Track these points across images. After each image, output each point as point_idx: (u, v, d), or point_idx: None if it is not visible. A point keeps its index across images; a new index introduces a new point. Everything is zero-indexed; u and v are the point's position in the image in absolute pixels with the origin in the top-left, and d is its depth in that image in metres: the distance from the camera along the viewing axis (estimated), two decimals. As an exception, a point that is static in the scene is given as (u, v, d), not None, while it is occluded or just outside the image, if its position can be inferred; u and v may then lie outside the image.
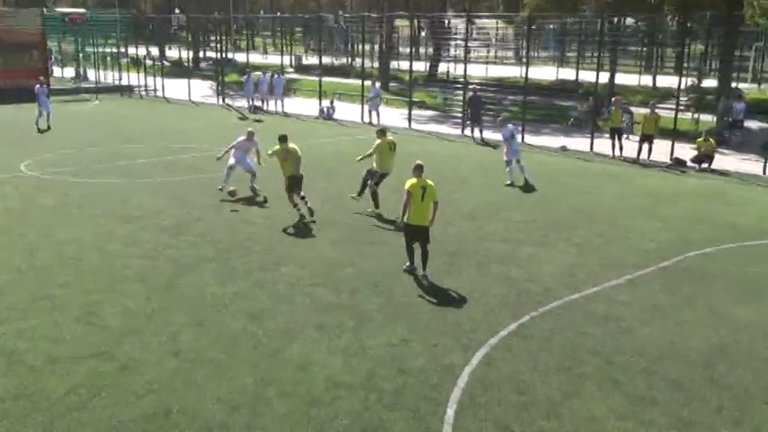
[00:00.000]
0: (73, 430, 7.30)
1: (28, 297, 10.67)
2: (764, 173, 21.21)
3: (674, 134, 23.61)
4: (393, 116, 33.04)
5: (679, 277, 12.11)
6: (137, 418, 7.54)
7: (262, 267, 12.18)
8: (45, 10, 49.99)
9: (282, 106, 34.98)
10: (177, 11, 61.95)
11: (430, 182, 11.75)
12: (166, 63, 55.65)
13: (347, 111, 34.01)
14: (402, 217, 11.63)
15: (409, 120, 30.84)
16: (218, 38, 60.91)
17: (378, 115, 31.58)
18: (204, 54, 70.42)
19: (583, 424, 7.63)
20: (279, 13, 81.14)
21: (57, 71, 50.60)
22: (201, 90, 43.25)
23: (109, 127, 29.00)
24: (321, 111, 33.33)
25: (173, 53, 68.86)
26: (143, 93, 43.49)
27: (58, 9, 61.68)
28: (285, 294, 10.99)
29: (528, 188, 18.61)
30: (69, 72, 51.78)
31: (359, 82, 34.70)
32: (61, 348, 9.03)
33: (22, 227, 14.30)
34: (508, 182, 18.90)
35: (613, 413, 7.84)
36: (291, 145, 15.24)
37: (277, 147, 15.15)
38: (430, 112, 35.71)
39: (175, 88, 42.08)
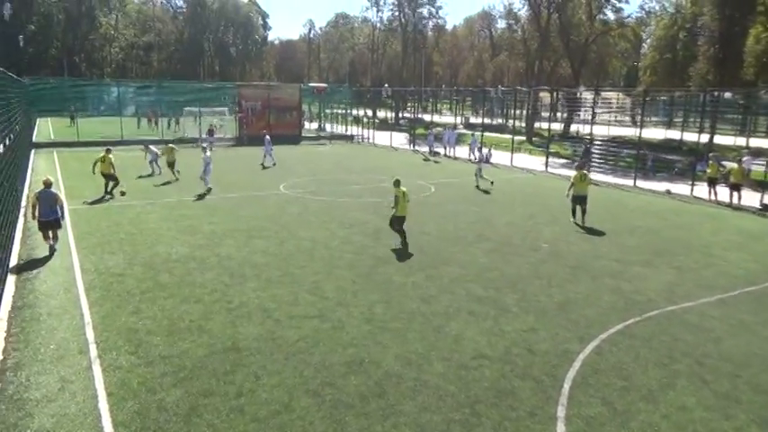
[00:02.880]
0: (300, 365, 7.66)
1: (278, 273, 11.39)
2: None
3: (764, 185, 20.73)
4: (535, 162, 31.95)
5: (764, 300, 10.57)
6: (341, 362, 7.77)
7: (432, 265, 12.17)
8: (302, 84, 53.65)
9: (453, 152, 34.93)
10: (386, 85, 64.08)
11: (404, 189, 13.42)
12: (377, 120, 57.66)
13: (501, 157, 33.30)
14: (394, 209, 13.29)
15: (546, 165, 29.62)
16: (413, 104, 62.08)
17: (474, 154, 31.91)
18: (402, 114, 72.20)
19: (674, 410, 6.85)
20: (455, 87, 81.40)
21: (306, 125, 54.06)
22: (399, 139, 44.26)
23: (336, 163, 30.49)
24: (482, 156, 32.82)
25: (381, 113, 71.23)
26: (360, 140, 45.30)
27: (310, 84, 66.06)
28: (447, 286, 10.90)
29: (638, 221, 17.16)
30: (314, 125, 55.14)
31: (510, 137, 33.88)
32: (296, 309, 9.53)
33: (277, 227, 15.35)
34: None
35: (701, 405, 6.97)
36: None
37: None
38: (562, 160, 34.07)
39: (382, 137, 43.42)
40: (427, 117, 62.61)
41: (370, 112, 60.66)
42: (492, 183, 22.90)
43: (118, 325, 8.79)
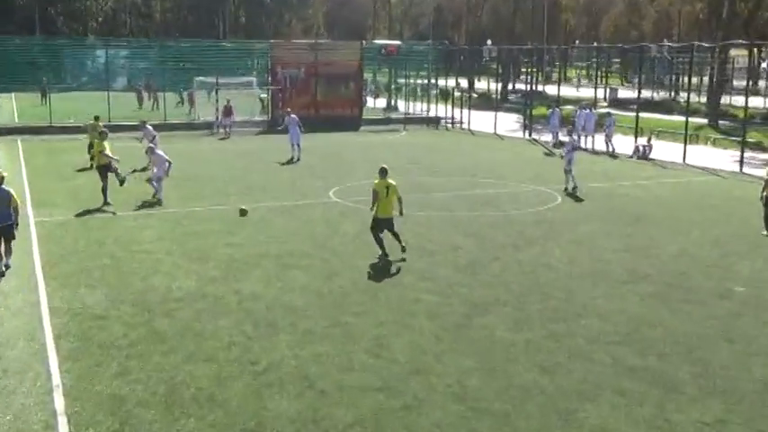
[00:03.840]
0: (355, 463, 7.63)
1: (324, 323, 11.48)
2: None
3: None
4: (723, 159, 30.84)
5: None
6: (417, 461, 7.68)
7: (559, 317, 11.89)
8: (364, 42, 54.57)
9: (592, 141, 34.31)
10: (489, 42, 64.07)
11: (392, 181, 14.65)
12: (474, 95, 57.67)
13: (667, 150, 32.34)
14: (372, 209, 14.55)
15: (741, 162, 28.46)
16: (529, 69, 61.66)
17: (612, 145, 32.16)
18: (513, 86, 71.86)
19: None
20: (595, 43, 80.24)
21: (370, 102, 54.69)
22: (508, 123, 44.05)
23: (413, 158, 30.64)
24: (636, 149, 32.10)
25: (481, 85, 71.19)
26: (449, 125, 45.41)
27: (377, 41, 67.10)
28: (582, 349, 10.58)
29: None
30: (381, 103, 55.75)
31: (682, 119, 32.98)
32: (350, 377, 9.54)
33: (325, 252, 15.56)
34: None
35: None
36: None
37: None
38: (764, 156, 32.65)
39: (481, 121, 43.38)
40: (552, 90, 61.82)
41: (464, 84, 60.86)
42: (575, 188, 22.59)
43: (97, 390, 9.10)
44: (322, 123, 38.56)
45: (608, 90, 61.87)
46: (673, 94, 62.69)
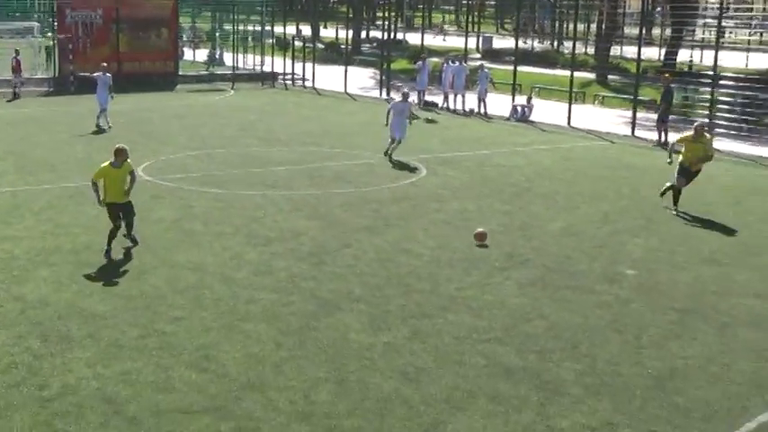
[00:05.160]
0: (176, 503, 7.62)
1: (134, 332, 11.29)
2: None
3: None
4: (611, 119, 32.43)
5: None
6: (253, 495, 7.76)
7: (423, 313, 12.22)
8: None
9: (463, 101, 35.22)
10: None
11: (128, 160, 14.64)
12: (320, 45, 57.76)
13: (549, 111, 33.73)
14: (98, 199, 14.45)
15: (633, 125, 30.09)
16: (386, 14, 62.48)
17: (485, 105, 33.39)
18: (368, 34, 72.55)
19: None
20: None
21: (187, 54, 53.69)
22: (361, 80, 44.48)
23: (245, 124, 30.46)
24: (514, 110, 33.28)
25: (328, 33, 71.40)
26: (288, 82, 45.29)
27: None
28: (451, 350, 10.94)
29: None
30: (202, 55, 54.79)
31: (567, 74, 34.42)
32: (169, 398, 9.45)
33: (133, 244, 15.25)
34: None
35: None
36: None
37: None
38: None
39: (329, 77, 43.60)
40: (414, 38, 62.92)
41: (307, 32, 60.82)
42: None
43: None
44: (127, 82, 37.55)
45: (481, 39, 63.64)
46: (556, 44, 65.27)
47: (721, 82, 30.60)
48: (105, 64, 31.23)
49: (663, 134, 27.46)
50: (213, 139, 26.72)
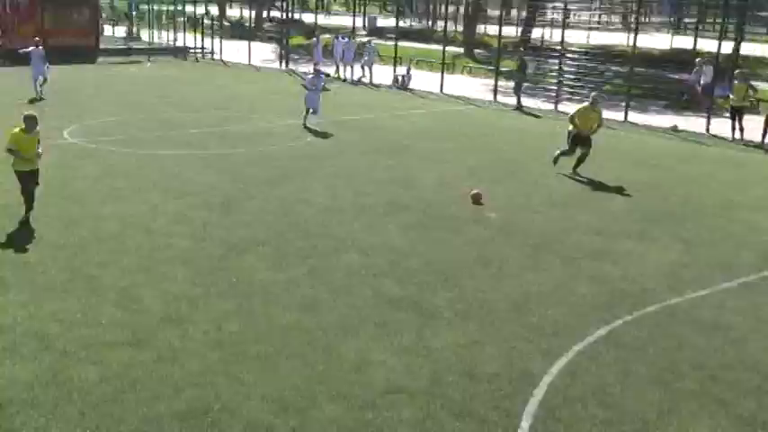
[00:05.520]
0: (105, 423, 7.46)
1: (63, 276, 10.98)
2: None
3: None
4: (478, 88, 32.78)
5: (805, 283, 11.64)
6: (173, 413, 7.66)
7: (319, 253, 12.24)
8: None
9: (352, 72, 35.06)
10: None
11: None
12: (226, 23, 56.51)
13: (425, 80, 33.87)
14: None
15: (495, 91, 30.51)
16: (284, -4, 61.39)
17: (371, 75, 33.66)
18: (269, 14, 71.17)
19: (679, 448, 7.42)
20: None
21: (108, 30, 51.88)
22: (264, 54, 43.78)
23: (161, 92, 29.65)
24: (395, 79, 33.30)
25: (234, 12, 69.86)
26: (199, 55, 44.25)
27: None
28: (343, 285, 11.01)
29: (630, 173, 18.19)
30: (121, 32, 53.07)
31: (440, 48, 34.58)
32: (95, 333, 9.24)
33: (61, 199, 14.74)
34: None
35: (717, 438, 7.60)
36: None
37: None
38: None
39: (235, 51, 42.75)
40: (309, 18, 62.08)
41: (215, 11, 59.36)
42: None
43: None
44: (52, 55, 35.88)
45: (367, 19, 63.33)
46: (430, 23, 65.41)
47: (567, 55, 31.19)
48: (38, 38, 29.86)
49: (519, 99, 27.98)
50: (132, 106, 25.91)
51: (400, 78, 33.21)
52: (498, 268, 11.82)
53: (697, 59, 30.30)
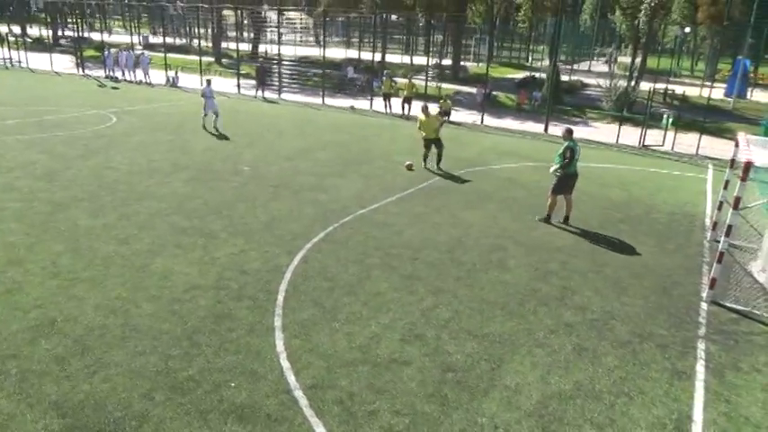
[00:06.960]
0: (-33, 344, 6.32)
1: None
2: (481, 123, 22.76)
3: (426, 96, 24.51)
4: (227, 84, 31.20)
5: (431, 194, 12.79)
6: (24, 328, 6.69)
7: (126, 203, 11.14)
8: None
9: (133, 75, 31.62)
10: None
11: None
12: (28, 39, 47.72)
13: (188, 80, 31.53)
14: None
15: (238, 87, 29.25)
16: (74, 19, 53.12)
17: (149, 77, 30.72)
18: (63, 33, 61.23)
19: (372, 296, 7.94)
20: (126, 0, 72.09)
21: None
22: (63, 63, 37.74)
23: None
24: (167, 79, 30.59)
25: (33, 31, 59.20)
26: (8, 64, 37.14)
27: None
28: (147, 222, 10.17)
29: (329, 135, 18.54)
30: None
31: (197, 58, 32.25)
32: (-51, 279, 7.72)
33: None
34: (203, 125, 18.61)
35: (392, 287, 8.22)
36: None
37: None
38: (253, 81, 34.06)
39: (38, 61, 36.46)
40: (97, 36, 54.41)
41: (17, 30, 49.80)
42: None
43: None
44: None
45: (141, 36, 57.00)
46: (188, 40, 60.48)
47: (283, 62, 30.68)
48: None
49: (263, 92, 27.24)
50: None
51: (171, 78, 30.53)
52: (253, 202, 11.57)
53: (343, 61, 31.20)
